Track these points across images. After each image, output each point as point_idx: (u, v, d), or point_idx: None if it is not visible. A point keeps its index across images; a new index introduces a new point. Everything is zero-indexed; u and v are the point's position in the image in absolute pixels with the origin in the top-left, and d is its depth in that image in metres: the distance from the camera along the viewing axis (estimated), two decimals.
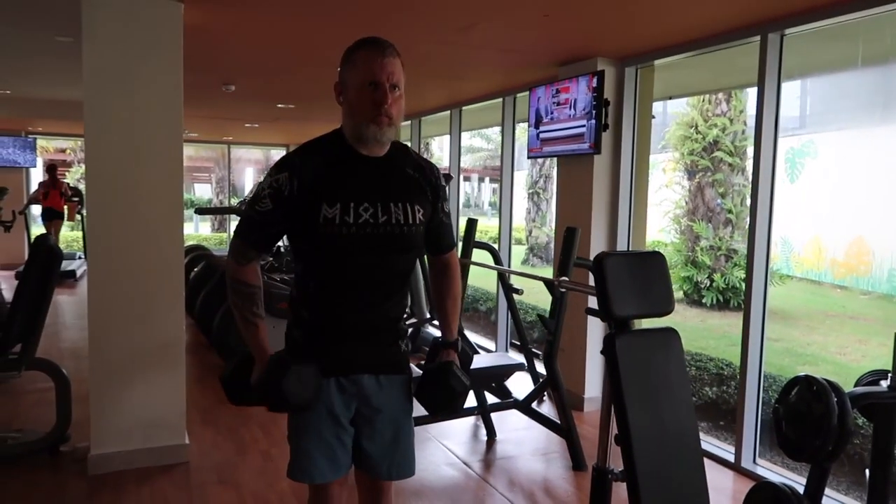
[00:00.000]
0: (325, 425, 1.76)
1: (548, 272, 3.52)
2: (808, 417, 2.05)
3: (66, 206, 10.04)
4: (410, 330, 5.95)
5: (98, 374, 3.29)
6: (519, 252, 14.54)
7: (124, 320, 3.30)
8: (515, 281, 4.72)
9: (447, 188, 6.08)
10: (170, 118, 3.34)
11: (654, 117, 4.67)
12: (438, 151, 17.37)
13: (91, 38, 3.16)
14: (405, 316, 1.90)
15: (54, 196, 9.84)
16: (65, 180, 11.21)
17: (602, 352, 2.12)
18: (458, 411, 1.88)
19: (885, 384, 2.17)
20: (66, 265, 9.59)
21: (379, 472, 1.84)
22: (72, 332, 6.43)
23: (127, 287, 3.30)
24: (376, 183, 1.72)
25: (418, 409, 1.90)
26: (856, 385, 2.28)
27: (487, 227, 13.68)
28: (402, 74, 1.71)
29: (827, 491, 3.23)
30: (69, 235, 14.15)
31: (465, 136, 6.92)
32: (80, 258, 10.71)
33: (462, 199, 24.78)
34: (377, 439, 1.81)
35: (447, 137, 6.98)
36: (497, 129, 6.08)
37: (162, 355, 3.40)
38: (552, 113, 4.63)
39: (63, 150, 19.46)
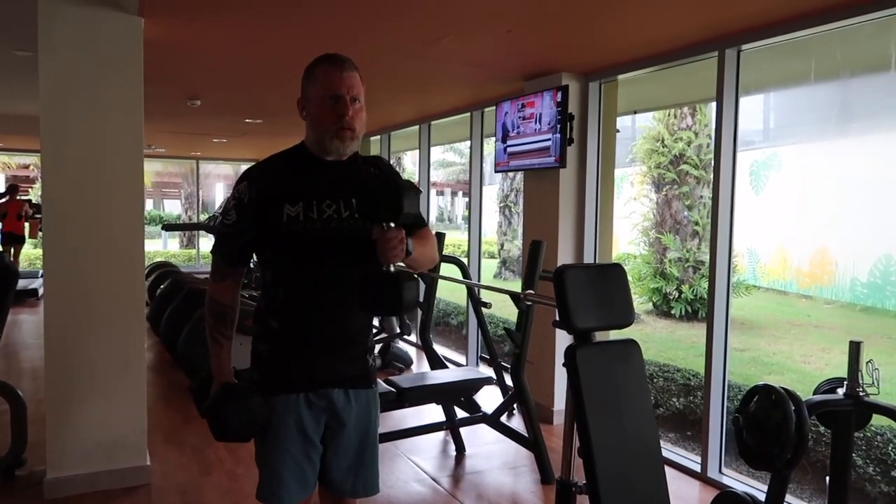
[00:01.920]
0: (294, 444, 1.74)
1: (519, 286, 3.55)
2: (767, 426, 2.07)
3: (27, 226, 9.84)
4: (381, 345, 5.93)
5: (55, 395, 3.21)
6: (491, 265, 14.58)
7: (82, 338, 3.23)
8: (484, 295, 4.72)
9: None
10: (130, 133, 3.29)
11: (618, 131, 4.73)
12: (411, 166, 17.40)
13: (47, 52, 3.11)
14: (374, 330, 1.89)
15: (12, 219, 9.63)
16: (27, 198, 10.98)
17: (564, 364, 2.12)
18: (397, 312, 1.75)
19: (841, 392, 2.21)
20: (29, 283, 9.37)
21: (344, 489, 1.83)
22: (32, 352, 6.27)
23: (85, 305, 3.23)
24: (339, 181, 1.75)
25: (384, 426, 1.88)
26: (814, 393, 2.32)
27: (461, 240, 13.69)
28: (362, 88, 1.76)
29: (791, 499, 3.28)
30: (32, 253, 13.85)
31: (438, 150, 6.95)
32: (43, 276, 10.48)
33: (435, 214, 24.88)
34: (343, 454, 1.80)
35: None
36: (469, 143, 6.11)
37: (122, 374, 3.33)
38: (518, 127, 4.66)
39: (27, 166, 19.09)
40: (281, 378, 1.75)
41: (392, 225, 1.60)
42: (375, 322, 6.87)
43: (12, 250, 9.83)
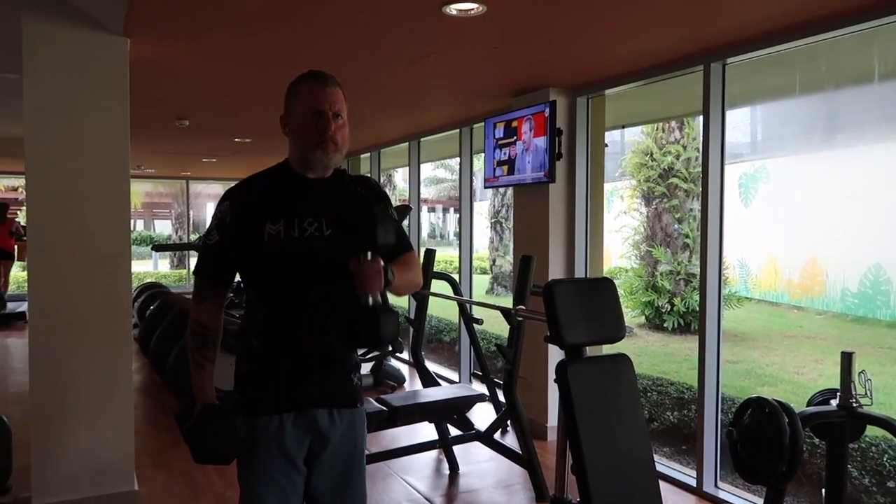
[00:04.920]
0: (276, 466, 1.70)
1: (511, 301, 3.54)
2: (761, 439, 2.05)
3: (16, 246, 9.77)
4: (373, 363, 5.88)
5: (40, 420, 3.15)
6: (483, 281, 14.54)
7: (68, 362, 3.18)
8: (476, 311, 4.70)
9: (406, 218, 6.06)
10: (116, 154, 3.27)
11: (607, 145, 4.75)
12: (402, 183, 17.40)
13: (32, 73, 3.09)
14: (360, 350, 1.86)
15: (3, 235, 9.57)
16: (17, 219, 10.91)
17: (555, 380, 2.10)
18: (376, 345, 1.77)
19: (835, 403, 2.20)
20: (18, 306, 9.29)
21: None
22: (19, 377, 6.18)
23: (71, 328, 3.19)
24: (321, 199, 1.75)
25: (376, 445, 1.85)
26: (808, 405, 2.30)
27: (453, 257, 13.67)
28: (345, 104, 1.76)
29: None
30: (21, 276, 13.72)
31: (429, 167, 6.95)
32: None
33: (427, 230, 24.87)
34: (328, 476, 1.76)
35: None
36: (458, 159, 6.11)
37: (109, 397, 3.28)
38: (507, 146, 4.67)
39: (15, 189, 18.98)
40: (263, 399, 1.72)
41: (369, 256, 1.61)
42: None
43: (2, 268, 9.76)
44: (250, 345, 1.75)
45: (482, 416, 4.48)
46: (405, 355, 6.56)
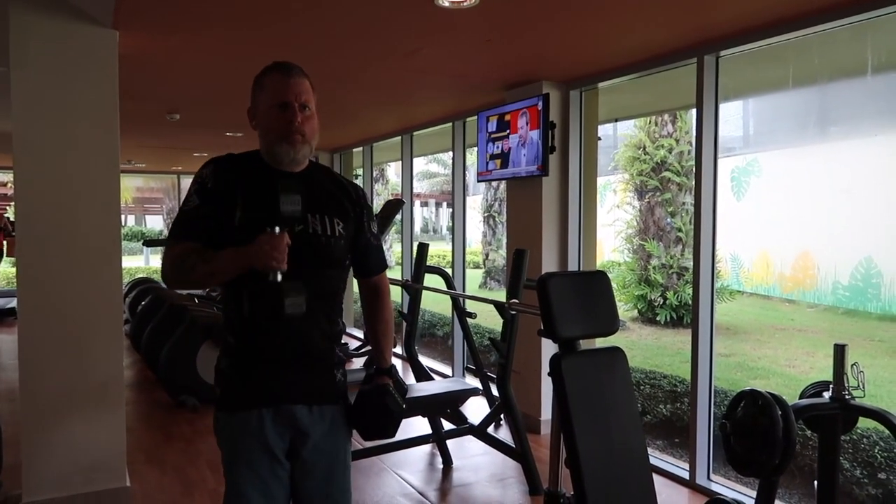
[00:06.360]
0: (258, 460, 1.69)
1: (504, 295, 3.54)
2: (754, 431, 2.05)
3: (5, 242, 9.69)
4: (366, 358, 5.87)
5: (30, 416, 3.12)
6: (476, 276, 14.56)
7: (58, 357, 3.15)
8: (469, 305, 4.69)
9: (399, 213, 6.03)
10: (106, 148, 3.23)
11: (600, 139, 4.74)
12: (395, 177, 17.38)
13: (20, 66, 3.05)
14: (342, 343, 1.84)
15: None
16: (6, 215, 10.82)
17: (549, 373, 2.10)
18: (392, 435, 1.81)
19: (827, 395, 2.20)
20: (7, 302, 9.23)
21: None
22: (10, 373, 6.14)
23: (61, 324, 3.15)
24: None
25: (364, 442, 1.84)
26: (800, 397, 2.31)
27: (446, 251, 13.66)
28: (312, 95, 1.73)
29: None
30: (10, 272, 13.63)
31: (422, 161, 6.93)
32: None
33: (420, 224, 24.86)
34: (311, 473, 1.74)
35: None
36: (451, 153, 6.09)
37: (100, 393, 3.25)
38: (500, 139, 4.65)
39: (4, 184, 18.84)
40: (241, 394, 1.70)
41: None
42: (359, 334, 6.81)
43: None
44: (227, 341, 1.73)
45: (476, 410, 4.48)
46: (398, 349, 6.56)
